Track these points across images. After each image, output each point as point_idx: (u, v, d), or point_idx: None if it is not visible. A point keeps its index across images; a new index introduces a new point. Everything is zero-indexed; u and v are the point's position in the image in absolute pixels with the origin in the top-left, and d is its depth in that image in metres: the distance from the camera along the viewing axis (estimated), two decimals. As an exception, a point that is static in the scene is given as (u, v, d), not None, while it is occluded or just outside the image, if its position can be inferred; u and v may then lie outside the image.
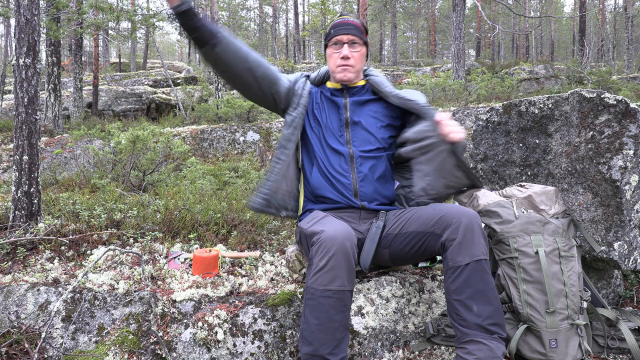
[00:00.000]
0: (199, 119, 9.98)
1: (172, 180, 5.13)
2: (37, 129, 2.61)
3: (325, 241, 1.61)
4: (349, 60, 2.00)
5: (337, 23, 2.05)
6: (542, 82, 13.91)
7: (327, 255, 1.60)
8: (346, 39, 2.00)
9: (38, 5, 2.59)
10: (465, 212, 1.71)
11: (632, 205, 1.95)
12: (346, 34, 2.00)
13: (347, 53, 1.99)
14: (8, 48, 15.35)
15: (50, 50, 8.84)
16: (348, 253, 1.61)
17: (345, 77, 2.02)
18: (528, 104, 2.24)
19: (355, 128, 2.02)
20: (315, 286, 1.61)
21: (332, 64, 2.05)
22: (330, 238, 1.61)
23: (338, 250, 1.60)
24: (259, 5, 33.60)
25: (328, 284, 1.59)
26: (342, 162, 1.98)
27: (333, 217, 1.82)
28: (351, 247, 1.63)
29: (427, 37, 35.94)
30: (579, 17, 16.99)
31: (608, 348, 1.89)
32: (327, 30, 2.14)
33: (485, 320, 1.60)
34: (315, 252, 1.63)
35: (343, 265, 1.60)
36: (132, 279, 2.11)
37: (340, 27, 2.03)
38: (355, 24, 2.04)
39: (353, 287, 1.66)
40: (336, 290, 1.60)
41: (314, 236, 1.68)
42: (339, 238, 1.61)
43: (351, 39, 2.01)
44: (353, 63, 2.01)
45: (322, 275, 1.60)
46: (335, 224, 1.70)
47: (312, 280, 1.62)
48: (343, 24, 2.03)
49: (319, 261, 1.61)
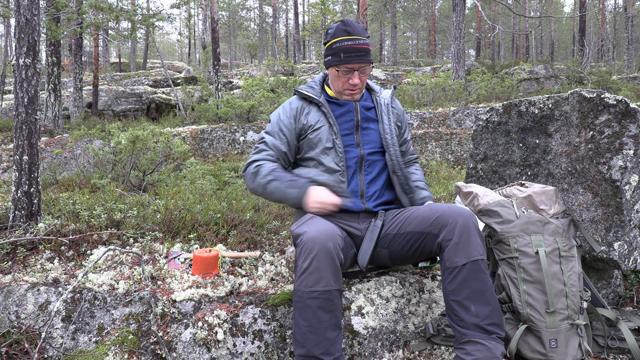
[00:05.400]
0: (199, 119, 9.98)
1: (172, 180, 5.13)
2: (37, 129, 2.61)
3: (307, 243, 1.61)
4: (358, 84, 1.96)
5: (348, 47, 1.91)
6: (542, 82, 13.91)
7: (310, 256, 1.59)
8: (357, 67, 1.93)
9: (38, 5, 2.59)
10: (461, 212, 1.71)
11: (632, 205, 1.95)
12: (358, 62, 1.92)
13: (358, 81, 1.94)
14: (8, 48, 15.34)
15: (50, 50, 8.84)
16: (331, 253, 1.60)
17: (353, 98, 2.02)
18: (528, 104, 2.24)
19: (365, 131, 2.03)
20: (301, 288, 1.61)
21: (339, 85, 1.99)
22: (311, 239, 1.61)
23: (320, 251, 1.59)
24: (259, 5, 33.61)
25: (313, 285, 1.59)
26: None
27: (320, 218, 1.81)
28: (334, 247, 1.62)
29: (427, 37, 35.95)
30: (579, 17, 16.99)
31: (608, 348, 1.89)
32: (329, 37, 1.98)
33: (484, 321, 1.60)
34: (299, 254, 1.63)
35: (326, 265, 1.59)
36: (132, 279, 2.11)
37: (352, 53, 1.91)
38: (366, 47, 1.93)
39: (341, 285, 1.66)
40: (322, 290, 1.59)
41: (298, 238, 1.68)
42: (321, 239, 1.61)
43: (362, 66, 1.93)
44: (361, 86, 1.99)
45: (307, 276, 1.60)
46: (319, 225, 1.69)
47: (298, 282, 1.62)
48: (355, 49, 1.90)
49: (302, 263, 1.61)
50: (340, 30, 1.93)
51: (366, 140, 2.01)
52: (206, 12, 18.36)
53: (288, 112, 2.03)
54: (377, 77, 16.05)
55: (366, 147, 2.00)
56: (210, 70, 14.13)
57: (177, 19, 37.35)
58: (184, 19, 32.27)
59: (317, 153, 1.96)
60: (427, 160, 7.16)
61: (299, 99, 2.06)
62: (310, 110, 2.01)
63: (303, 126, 2.00)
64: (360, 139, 2.00)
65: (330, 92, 2.07)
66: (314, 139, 1.97)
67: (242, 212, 3.06)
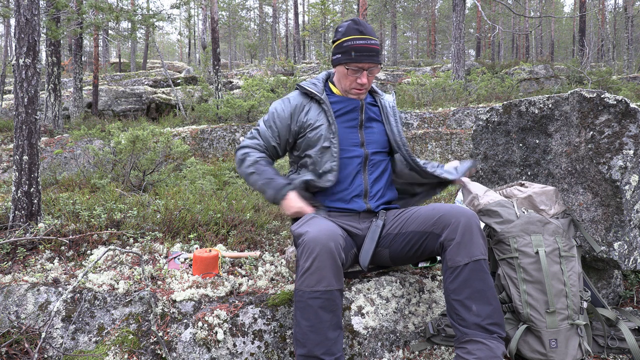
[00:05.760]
0: (199, 119, 9.98)
1: (172, 180, 5.13)
2: (37, 129, 2.61)
3: (309, 243, 1.61)
4: (365, 84, 1.95)
5: (360, 46, 1.89)
6: (542, 82, 13.91)
7: (311, 256, 1.59)
8: (367, 66, 1.92)
9: (38, 5, 2.59)
10: (463, 212, 1.72)
11: (632, 205, 1.95)
12: (368, 62, 1.91)
13: (366, 80, 1.94)
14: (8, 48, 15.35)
15: (50, 50, 8.85)
16: (332, 253, 1.60)
17: (359, 97, 2.02)
18: (528, 104, 2.24)
19: (369, 130, 2.03)
20: (302, 288, 1.61)
21: (346, 84, 1.98)
22: (312, 239, 1.61)
23: (322, 251, 1.59)
24: (259, 5, 33.62)
25: (315, 285, 1.59)
26: None
27: (321, 218, 1.81)
28: (336, 247, 1.62)
29: (427, 37, 35.94)
30: (579, 17, 16.99)
31: (608, 348, 1.89)
32: (340, 35, 1.96)
33: (485, 320, 1.60)
34: (301, 254, 1.64)
35: (328, 265, 1.60)
36: (132, 279, 2.11)
37: (363, 52, 1.89)
38: (377, 48, 1.91)
39: (342, 285, 1.66)
40: (324, 290, 1.59)
41: (299, 238, 1.68)
42: (322, 239, 1.61)
43: (372, 66, 1.92)
44: (367, 86, 1.98)
45: (308, 276, 1.60)
46: (321, 225, 1.70)
47: (299, 282, 1.62)
48: (366, 49, 1.89)
49: (304, 263, 1.61)
50: (352, 29, 1.92)
51: (370, 140, 2.01)
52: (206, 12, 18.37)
53: (286, 106, 2.02)
54: (377, 77, 16.05)
55: (370, 146, 2.00)
56: (210, 70, 14.13)
57: (177, 19, 37.35)
58: (184, 19, 32.29)
59: (314, 152, 1.96)
60: (427, 160, 7.17)
61: (300, 95, 2.05)
62: (310, 108, 2.00)
63: (302, 124, 1.99)
64: (365, 138, 2.00)
65: (335, 90, 2.06)
66: (313, 138, 1.96)
67: (242, 212, 3.06)
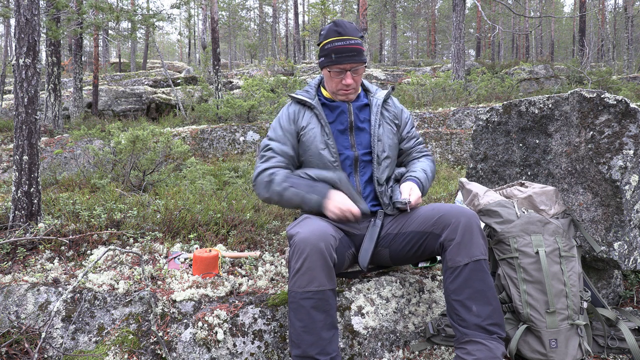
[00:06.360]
0: (199, 119, 9.98)
1: (172, 180, 5.13)
2: (37, 129, 2.61)
3: (299, 243, 1.62)
4: (351, 84, 1.96)
5: (339, 48, 1.90)
6: (542, 82, 13.91)
7: (302, 257, 1.60)
8: (349, 67, 1.92)
9: (38, 5, 2.59)
10: (464, 212, 1.72)
11: (632, 205, 1.95)
12: (350, 62, 1.91)
13: (351, 81, 1.94)
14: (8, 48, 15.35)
15: (50, 50, 8.84)
16: (323, 253, 1.60)
17: (347, 99, 2.02)
18: (528, 104, 2.24)
19: (359, 132, 2.02)
20: (294, 289, 1.61)
21: (332, 86, 1.99)
22: (302, 240, 1.62)
23: (312, 252, 1.59)
24: (259, 5, 33.61)
25: (307, 285, 1.60)
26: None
27: (315, 218, 1.81)
28: (326, 247, 1.62)
29: (427, 37, 35.94)
30: (579, 17, 16.99)
31: (608, 348, 1.89)
32: (322, 38, 1.98)
33: (485, 321, 1.60)
34: (292, 255, 1.64)
35: (319, 265, 1.60)
36: (132, 279, 2.11)
37: (343, 54, 1.90)
38: (357, 47, 1.92)
39: (334, 285, 1.66)
40: (316, 290, 1.60)
41: (291, 239, 1.69)
42: (312, 239, 1.61)
43: (354, 66, 1.93)
44: (354, 86, 1.98)
45: (300, 277, 1.60)
46: (312, 226, 1.70)
47: (291, 283, 1.63)
48: (346, 50, 1.90)
49: (295, 264, 1.62)
50: (332, 31, 1.94)
51: (359, 142, 2.01)
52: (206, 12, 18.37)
53: (287, 117, 2.04)
54: (377, 77, 16.04)
55: (359, 148, 2.00)
56: (210, 70, 14.13)
57: (177, 19, 37.36)
58: (184, 19, 32.29)
59: (312, 154, 1.97)
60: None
61: (294, 103, 2.08)
62: (304, 113, 2.03)
63: (300, 129, 2.01)
64: (355, 140, 2.00)
65: (326, 93, 2.07)
66: (307, 141, 1.98)
67: (242, 212, 3.06)
